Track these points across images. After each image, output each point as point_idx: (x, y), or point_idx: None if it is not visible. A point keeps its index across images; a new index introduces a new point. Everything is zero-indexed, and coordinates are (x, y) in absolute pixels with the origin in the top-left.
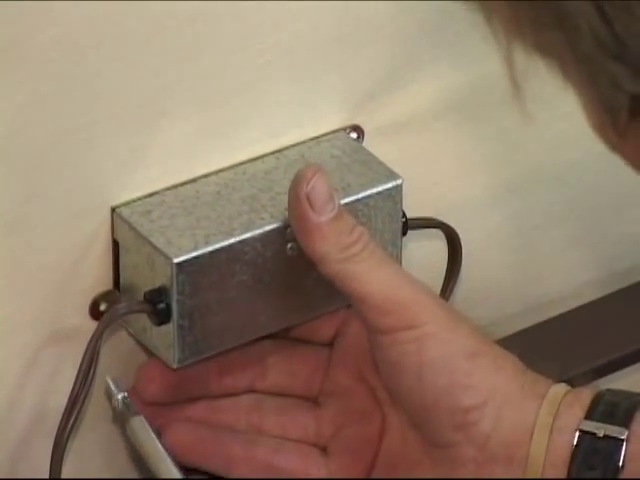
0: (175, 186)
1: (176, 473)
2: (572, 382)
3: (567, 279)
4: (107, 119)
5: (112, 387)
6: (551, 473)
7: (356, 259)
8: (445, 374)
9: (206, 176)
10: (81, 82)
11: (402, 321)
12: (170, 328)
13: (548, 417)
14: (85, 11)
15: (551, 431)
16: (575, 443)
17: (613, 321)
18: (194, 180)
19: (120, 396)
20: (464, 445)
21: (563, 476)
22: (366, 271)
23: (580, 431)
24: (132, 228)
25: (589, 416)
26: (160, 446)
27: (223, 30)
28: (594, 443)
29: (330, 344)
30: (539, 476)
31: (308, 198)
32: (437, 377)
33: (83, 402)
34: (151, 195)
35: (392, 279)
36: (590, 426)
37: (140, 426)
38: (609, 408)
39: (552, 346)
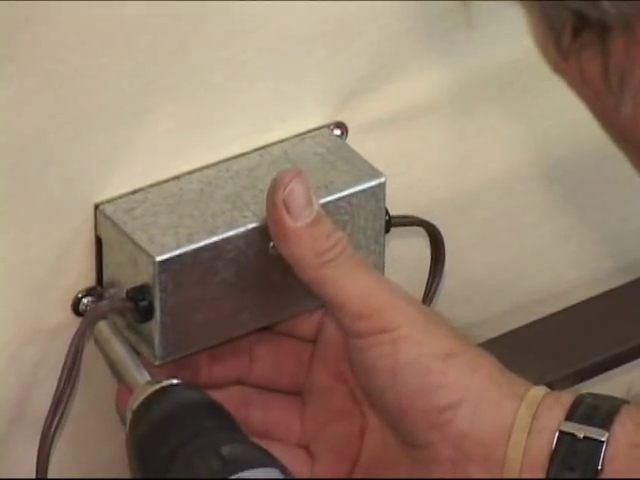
0: (158, 183)
1: (144, 372)
2: (556, 385)
3: (553, 278)
4: (91, 116)
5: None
6: (529, 474)
7: (332, 264)
8: (419, 375)
9: (189, 173)
10: (65, 79)
11: (377, 325)
12: (152, 325)
13: (527, 418)
14: (70, 9)
15: (529, 432)
16: (555, 444)
17: (599, 323)
18: (177, 177)
19: (86, 300)
20: (440, 444)
21: (541, 477)
22: (342, 277)
23: (560, 432)
24: (115, 225)
25: (569, 417)
26: (128, 349)
27: (207, 27)
28: (574, 444)
29: (313, 340)
30: (516, 477)
31: (285, 202)
32: (411, 378)
33: (68, 399)
34: (134, 192)
35: (368, 285)
36: (570, 427)
37: (107, 330)
38: (590, 410)
39: (535, 349)
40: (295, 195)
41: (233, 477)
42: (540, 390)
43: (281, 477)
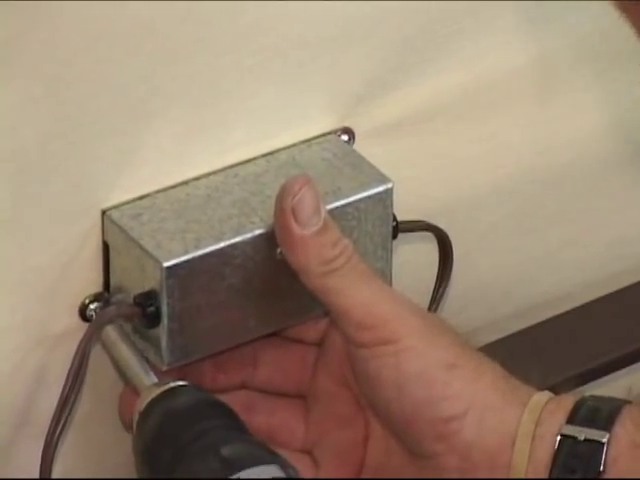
0: (166, 189)
1: (151, 374)
2: (560, 387)
3: (559, 282)
4: (98, 121)
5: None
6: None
7: (337, 273)
8: (424, 386)
9: (197, 179)
10: (71, 84)
11: (381, 336)
12: (160, 331)
13: (530, 425)
14: (75, 13)
15: (533, 438)
16: (556, 447)
17: (603, 325)
18: (185, 183)
19: (93, 306)
20: (446, 455)
21: None
22: (347, 286)
23: (561, 435)
24: (122, 231)
25: (570, 421)
26: (135, 352)
27: (213, 32)
28: (575, 447)
29: (319, 344)
30: None
31: (293, 210)
32: (416, 389)
33: (73, 404)
34: (141, 198)
35: (372, 294)
36: (571, 430)
37: (114, 334)
38: (591, 413)
39: (540, 351)
40: (304, 203)
41: (232, 477)
42: (543, 396)
43: (280, 474)
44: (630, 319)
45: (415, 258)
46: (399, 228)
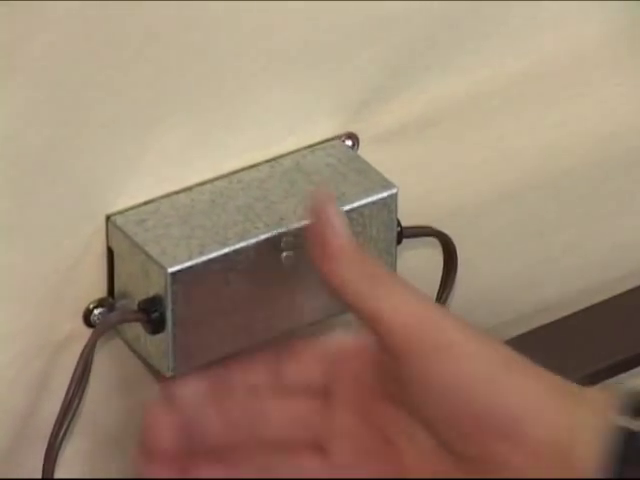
0: (170, 194)
1: None
2: None
3: (562, 286)
4: (102, 127)
5: None
6: (596, 473)
7: (380, 281)
8: (487, 388)
9: (201, 184)
10: (75, 89)
11: (434, 342)
12: (164, 337)
13: (589, 418)
14: (79, 18)
15: (591, 430)
16: (613, 440)
17: (606, 329)
18: (189, 189)
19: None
20: (512, 453)
21: (608, 475)
22: (393, 294)
23: (616, 427)
24: (127, 236)
25: (624, 412)
26: None
27: (217, 37)
28: (632, 438)
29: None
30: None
31: (330, 223)
32: (478, 392)
33: (76, 410)
34: (146, 203)
35: (418, 301)
36: (625, 421)
37: None
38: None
39: (543, 355)
40: (337, 217)
41: None
42: (591, 390)
43: None
44: (633, 323)
45: (419, 263)
46: (403, 233)
